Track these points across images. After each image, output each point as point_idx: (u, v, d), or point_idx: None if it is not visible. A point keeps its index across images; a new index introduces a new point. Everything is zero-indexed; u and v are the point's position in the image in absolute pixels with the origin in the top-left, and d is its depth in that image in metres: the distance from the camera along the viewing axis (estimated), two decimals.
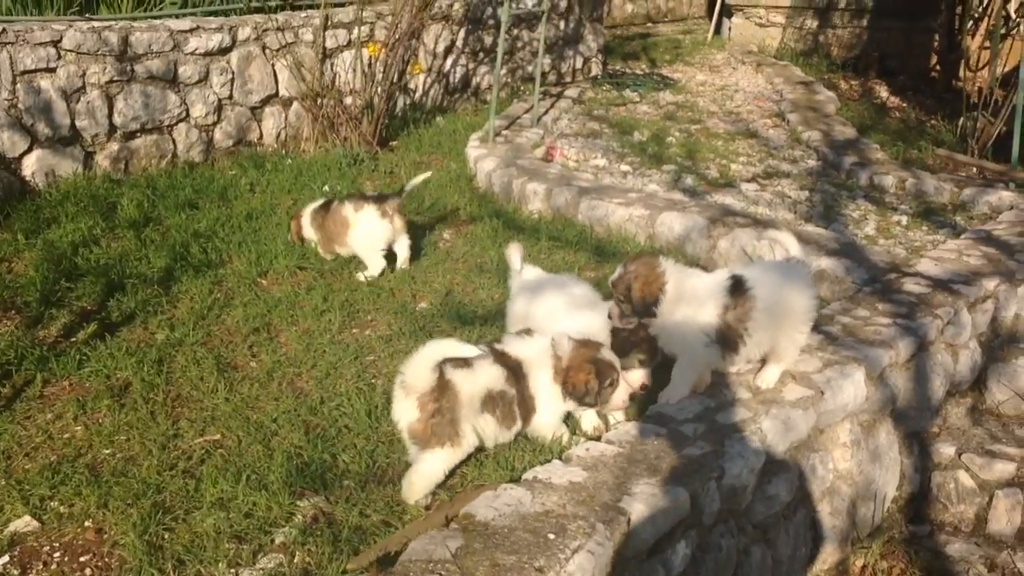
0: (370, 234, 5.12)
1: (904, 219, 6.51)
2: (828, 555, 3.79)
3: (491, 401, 3.24)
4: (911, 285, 4.80)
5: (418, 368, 3.15)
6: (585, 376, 3.30)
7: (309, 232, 5.33)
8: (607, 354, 3.39)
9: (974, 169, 7.83)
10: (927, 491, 4.41)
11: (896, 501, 4.27)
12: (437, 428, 3.15)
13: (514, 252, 4.09)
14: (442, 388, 3.14)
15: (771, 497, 3.43)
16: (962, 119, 8.59)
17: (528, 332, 3.49)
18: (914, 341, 4.23)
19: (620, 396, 3.41)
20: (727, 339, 3.43)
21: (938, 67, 11.53)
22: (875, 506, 4.05)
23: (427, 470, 3.18)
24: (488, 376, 3.25)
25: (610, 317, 3.49)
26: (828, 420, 3.71)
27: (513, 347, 3.39)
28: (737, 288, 3.42)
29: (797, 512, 3.62)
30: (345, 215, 5.14)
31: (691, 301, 3.42)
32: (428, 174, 5.71)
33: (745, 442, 3.28)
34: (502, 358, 3.32)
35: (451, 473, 3.25)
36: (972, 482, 4.35)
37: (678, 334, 3.45)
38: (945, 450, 4.45)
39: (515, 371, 3.32)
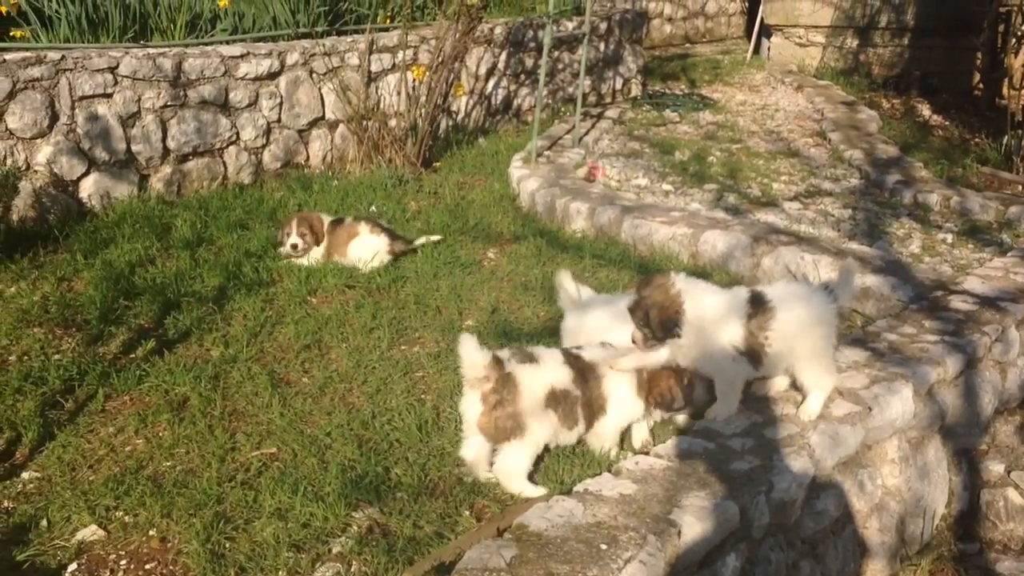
0: (369, 251, 5.56)
1: (949, 237, 6.48)
2: (877, 571, 3.78)
3: (554, 399, 3.37)
4: (958, 302, 4.79)
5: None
6: (667, 383, 3.43)
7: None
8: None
9: (1020, 187, 7.79)
10: (976, 509, 4.38)
11: (945, 518, 4.25)
12: (500, 422, 3.29)
13: (565, 277, 4.19)
14: (503, 381, 3.30)
15: (819, 512, 3.45)
16: (1006, 137, 8.54)
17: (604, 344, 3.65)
18: (962, 358, 4.22)
19: (700, 394, 3.55)
20: (753, 352, 3.45)
21: (981, 85, 11.46)
22: (924, 523, 4.04)
23: (508, 465, 3.37)
24: (553, 374, 3.40)
25: (634, 342, 3.49)
26: (876, 436, 3.72)
27: (588, 351, 3.55)
28: (757, 302, 3.46)
29: (846, 528, 3.62)
30: (359, 231, 5.59)
31: (713, 319, 3.44)
32: (438, 237, 5.87)
33: (793, 457, 3.30)
34: (573, 359, 3.46)
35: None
36: (1022, 500, 4.31)
37: (707, 355, 3.47)
38: (994, 468, 4.42)
39: (584, 373, 3.45)
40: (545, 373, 3.40)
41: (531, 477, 3.45)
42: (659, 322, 3.38)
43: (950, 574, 4.04)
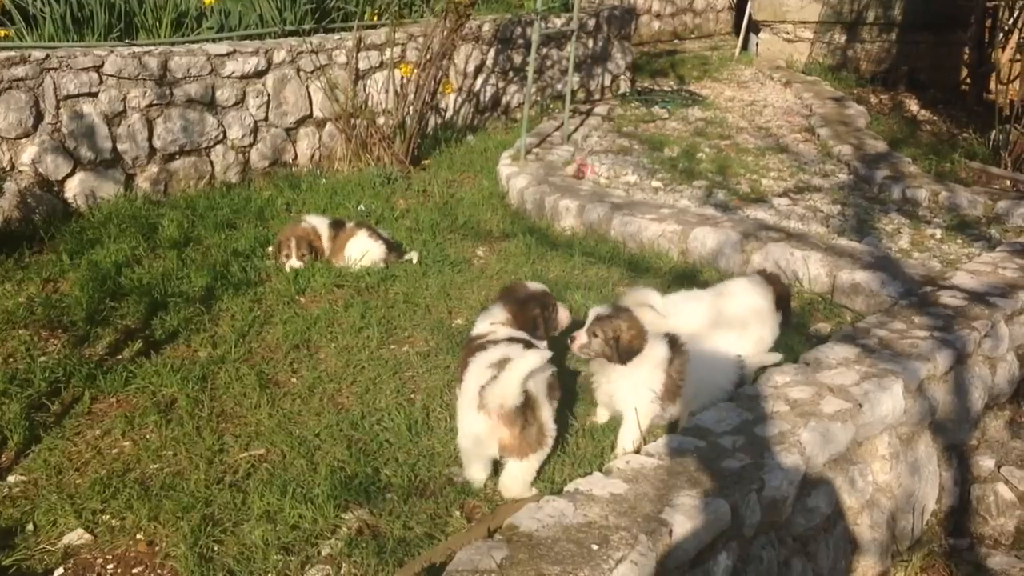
0: (359, 252, 5.54)
1: (938, 232, 6.49)
2: (869, 568, 3.78)
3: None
4: (947, 298, 4.79)
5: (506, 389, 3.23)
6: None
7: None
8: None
9: (1008, 182, 7.80)
10: (967, 504, 4.39)
11: (936, 514, 4.25)
12: (528, 438, 3.32)
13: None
14: (527, 403, 3.30)
15: (811, 509, 3.44)
16: (994, 132, 8.56)
17: None
18: (952, 354, 4.22)
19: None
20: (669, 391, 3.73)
21: (968, 80, 11.48)
22: (915, 519, 4.04)
23: (523, 472, 3.39)
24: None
25: (571, 341, 3.71)
26: (867, 433, 3.72)
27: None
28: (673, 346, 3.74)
29: (837, 525, 3.62)
30: (357, 234, 5.58)
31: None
32: (415, 256, 5.74)
33: (784, 454, 3.30)
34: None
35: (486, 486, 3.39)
36: (1012, 495, 4.32)
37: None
38: (984, 463, 4.43)
39: None
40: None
41: None
42: (625, 346, 3.63)
43: (941, 570, 4.04)
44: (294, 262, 5.46)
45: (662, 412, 3.74)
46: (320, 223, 5.69)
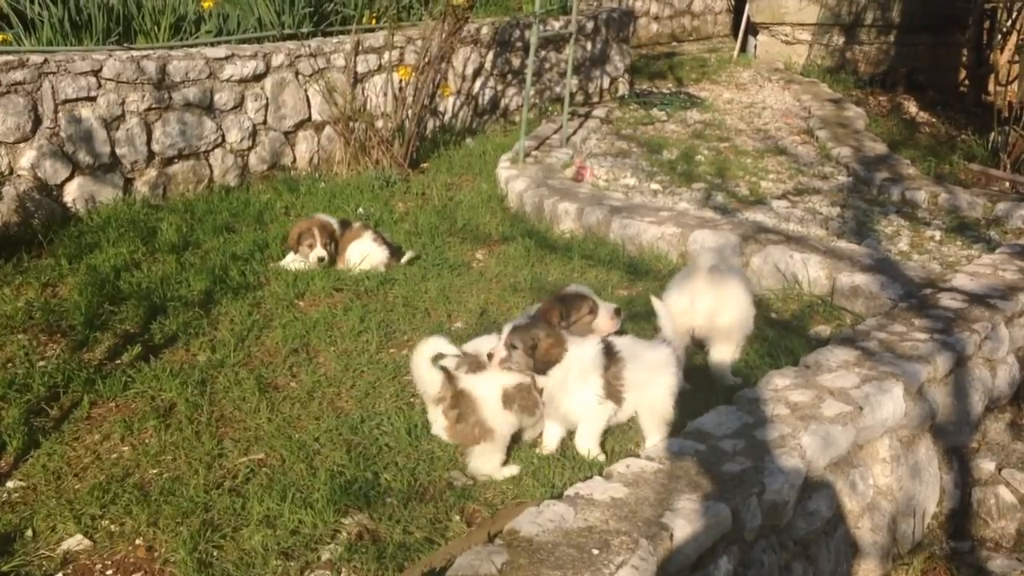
0: (360, 255, 5.57)
1: (938, 234, 6.49)
2: (869, 571, 3.77)
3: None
4: (947, 300, 4.79)
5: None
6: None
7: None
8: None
9: (1007, 183, 7.80)
10: (968, 507, 4.38)
11: (937, 517, 4.24)
12: (463, 431, 3.51)
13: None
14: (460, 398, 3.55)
15: (812, 513, 3.43)
16: (993, 133, 8.56)
17: None
18: (952, 356, 4.22)
19: None
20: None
21: (967, 82, 11.49)
22: (915, 522, 4.03)
23: (478, 458, 3.56)
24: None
25: (490, 357, 3.58)
26: (867, 436, 3.71)
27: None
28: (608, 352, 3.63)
29: (838, 528, 3.61)
30: (362, 235, 5.59)
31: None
32: (413, 254, 5.78)
33: (785, 458, 3.29)
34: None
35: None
36: (1013, 497, 4.32)
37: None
38: (985, 465, 4.42)
39: None
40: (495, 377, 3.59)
41: (522, 479, 3.46)
42: (543, 357, 3.54)
43: (942, 573, 4.03)
44: (319, 251, 5.47)
45: (613, 414, 3.66)
46: (331, 221, 5.70)
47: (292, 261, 5.56)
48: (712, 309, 4.14)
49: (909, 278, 5.19)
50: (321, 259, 5.48)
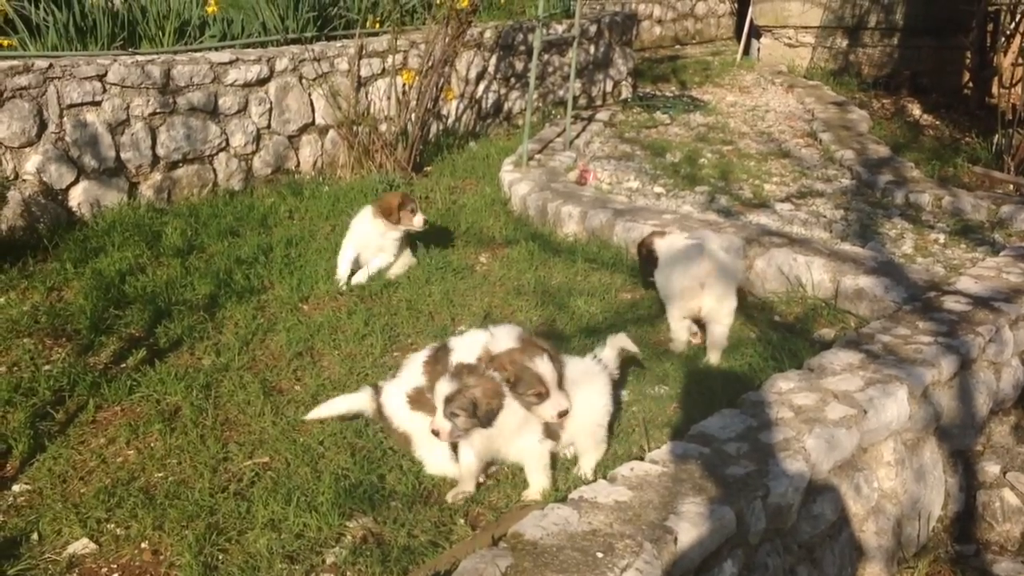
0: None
1: (942, 237, 6.49)
2: (874, 575, 3.77)
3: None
4: (951, 303, 4.79)
5: None
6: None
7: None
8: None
9: (1011, 186, 7.79)
10: (972, 510, 4.37)
11: (941, 520, 4.24)
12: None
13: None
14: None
15: (816, 516, 3.43)
16: (997, 136, 8.55)
17: None
18: (956, 359, 4.21)
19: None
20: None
21: (971, 84, 11.48)
22: (920, 525, 4.03)
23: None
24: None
25: (436, 434, 3.37)
26: (872, 439, 3.71)
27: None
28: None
29: (842, 531, 3.61)
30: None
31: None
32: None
33: (789, 461, 3.29)
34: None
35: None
36: (1018, 500, 4.31)
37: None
38: (990, 468, 4.42)
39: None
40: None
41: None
42: (486, 413, 3.34)
43: None
44: (421, 216, 5.54)
45: (555, 447, 3.63)
46: None
47: (369, 266, 5.55)
48: (721, 292, 4.49)
49: (913, 281, 5.18)
50: (426, 222, 5.59)
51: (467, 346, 3.65)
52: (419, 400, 3.62)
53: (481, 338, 3.64)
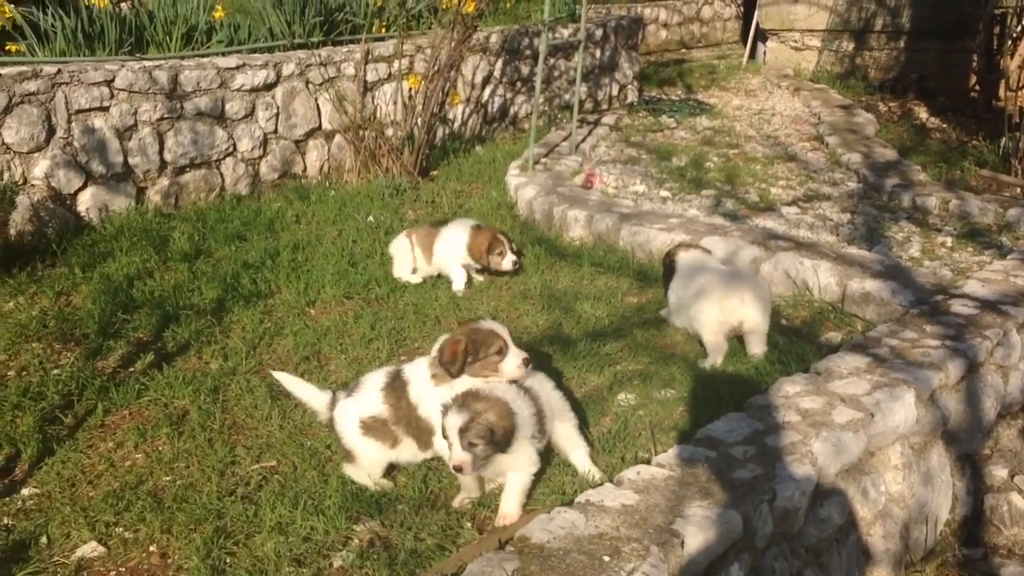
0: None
1: (949, 240, 6.48)
2: None
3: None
4: (959, 306, 4.78)
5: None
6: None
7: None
8: None
9: (1018, 189, 7.78)
10: (980, 514, 4.36)
11: (949, 524, 4.23)
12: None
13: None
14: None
15: (823, 520, 3.43)
16: (1004, 139, 8.55)
17: None
18: (964, 363, 4.21)
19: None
20: None
21: (978, 87, 11.47)
22: (928, 529, 4.02)
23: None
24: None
25: (460, 471, 3.25)
26: (879, 442, 3.71)
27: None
28: None
29: (850, 535, 3.60)
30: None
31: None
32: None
33: (796, 464, 3.29)
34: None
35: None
36: None
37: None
38: (998, 472, 4.41)
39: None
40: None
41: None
42: (503, 436, 3.21)
43: None
44: (511, 258, 5.46)
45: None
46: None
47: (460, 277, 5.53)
48: (761, 309, 4.54)
49: (920, 284, 5.17)
50: (516, 262, 5.51)
51: (421, 373, 3.58)
52: (373, 428, 3.54)
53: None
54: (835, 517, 3.47)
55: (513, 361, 3.47)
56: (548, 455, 3.71)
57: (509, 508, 3.29)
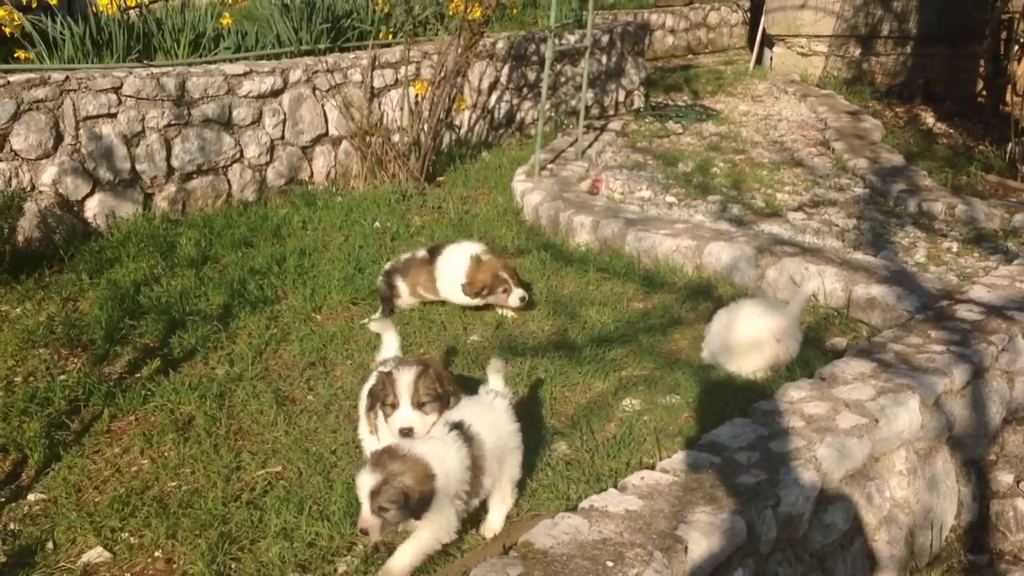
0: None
1: (955, 246, 6.47)
2: None
3: None
4: (964, 312, 4.77)
5: None
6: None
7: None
8: None
9: None
10: (986, 520, 4.35)
11: (955, 530, 4.22)
12: None
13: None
14: None
15: (828, 525, 3.43)
16: (1011, 144, 8.52)
17: None
18: (969, 368, 4.20)
19: None
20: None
21: (984, 92, 11.43)
22: (933, 535, 4.01)
23: None
24: None
25: (366, 533, 2.96)
26: (883, 448, 3.70)
27: None
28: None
29: (854, 541, 3.60)
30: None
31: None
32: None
33: (800, 470, 3.29)
34: None
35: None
36: None
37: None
38: (1003, 478, 4.40)
39: None
40: None
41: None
42: (418, 503, 2.94)
43: None
44: (518, 293, 5.06)
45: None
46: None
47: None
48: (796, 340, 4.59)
49: (926, 290, 5.17)
50: (523, 298, 5.08)
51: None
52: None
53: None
54: (839, 523, 3.47)
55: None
56: (548, 455, 3.72)
57: (393, 565, 3.01)
